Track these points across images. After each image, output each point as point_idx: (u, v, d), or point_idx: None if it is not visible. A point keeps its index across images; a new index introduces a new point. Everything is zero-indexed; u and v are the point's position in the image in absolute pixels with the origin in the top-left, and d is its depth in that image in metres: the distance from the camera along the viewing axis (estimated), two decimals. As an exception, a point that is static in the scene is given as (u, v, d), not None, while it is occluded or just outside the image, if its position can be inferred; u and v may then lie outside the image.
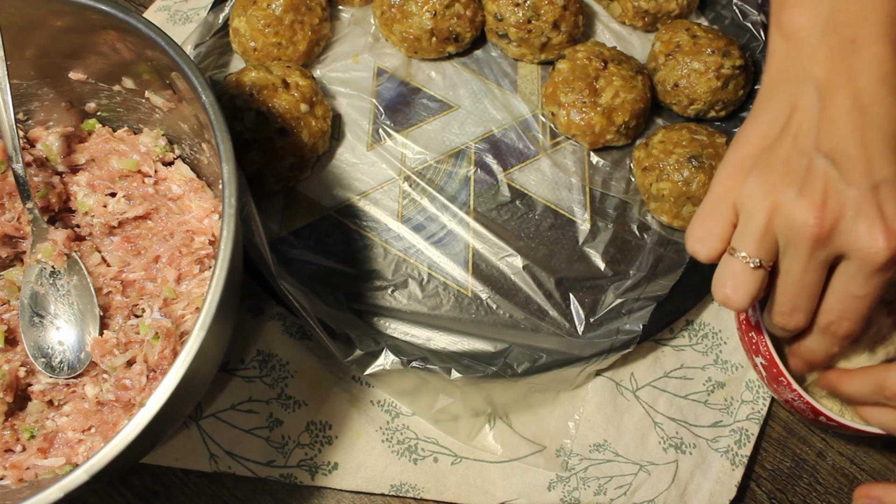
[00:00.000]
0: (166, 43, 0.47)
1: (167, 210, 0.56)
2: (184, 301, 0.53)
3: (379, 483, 0.60)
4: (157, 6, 0.74)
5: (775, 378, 0.57)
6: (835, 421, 0.55)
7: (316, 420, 0.60)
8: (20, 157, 0.50)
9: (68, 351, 0.52)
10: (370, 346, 0.59)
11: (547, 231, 0.67)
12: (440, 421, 0.60)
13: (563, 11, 0.68)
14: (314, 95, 0.64)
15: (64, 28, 0.50)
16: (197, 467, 0.58)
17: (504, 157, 0.69)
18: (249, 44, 0.67)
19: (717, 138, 0.65)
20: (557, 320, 0.64)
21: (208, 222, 0.54)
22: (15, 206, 0.54)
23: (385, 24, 0.69)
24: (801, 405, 0.56)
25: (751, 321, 0.58)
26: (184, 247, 0.54)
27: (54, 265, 0.53)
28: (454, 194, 0.67)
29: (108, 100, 0.57)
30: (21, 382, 0.52)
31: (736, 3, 0.73)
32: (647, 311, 0.63)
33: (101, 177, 0.56)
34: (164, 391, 0.39)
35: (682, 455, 0.62)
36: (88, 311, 0.53)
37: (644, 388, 0.64)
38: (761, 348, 0.57)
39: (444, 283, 0.64)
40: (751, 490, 0.63)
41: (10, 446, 0.50)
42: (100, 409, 0.51)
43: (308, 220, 0.65)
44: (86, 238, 0.56)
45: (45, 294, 0.53)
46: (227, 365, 0.61)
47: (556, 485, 0.60)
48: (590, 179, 0.69)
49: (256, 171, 0.62)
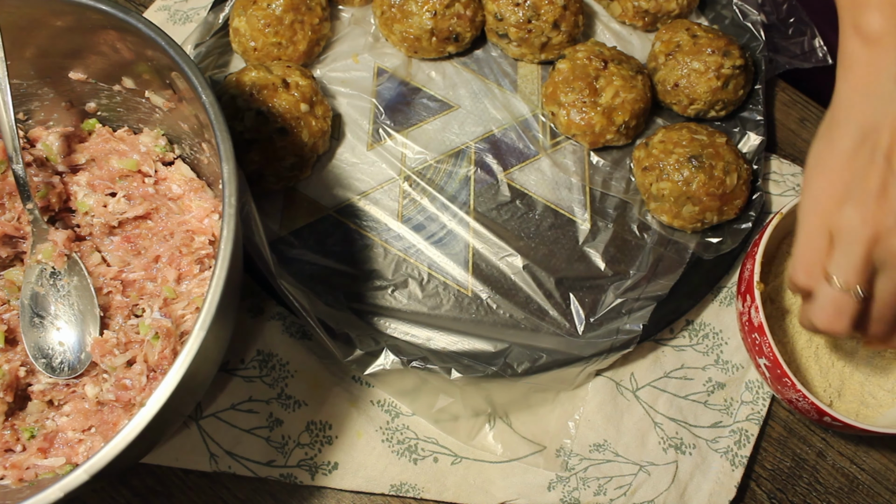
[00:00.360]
0: (166, 43, 0.47)
1: (167, 210, 0.56)
2: (184, 301, 0.53)
3: (379, 483, 0.60)
4: (157, 6, 0.74)
5: (779, 379, 0.57)
6: (839, 421, 0.55)
7: (316, 420, 0.60)
8: (20, 158, 0.50)
9: (69, 351, 0.52)
10: (370, 346, 0.59)
11: (547, 231, 0.67)
12: (440, 421, 0.60)
13: (563, 11, 0.68)
14: (314, 95, 0.64)
15: (64, 28, 0.50)
16: (197, 467, 0.58)
17: (504, 156, 0.69)
18: (249, 44, 0.66)
19: (718, 138, 0.65)
20: (557, 320, 0.64)
21: (208, 222, 0.54)
22: (15, 206, 0.54)
23: (385, 24, 0.69)
24: (805, 405, 0.56)
25: (753, 322, 0.58)
26: (184, 247, 0.54)
27: (55, 266, 0.53)
28: (454, 194, 0.67)
29: (108, 100, 0.57)
30: (21, 382, 0.52)
31: (736, 3, 0.73)
32: (647, 311, 0.63)
33: (101, 177, 0.56)
34: (164, 391, 0.39)
35: (681, 455, 0.62)
36: (89, 312, 0.53)
37: (644, 388, 0.64)
38: (765, 349, 0.57)
39: (444, 282, 0.64)
40: (751, 490, 0.63)
41: (10, 446, 0.50)
42: (100, 408, 0.51)
43: (308, 219, 0.65)
44: (86, 238, 0.56)
45: (45, 295, 0.53)
46: (227, 365, 0.61)
47: (555, 485, 0.60)
48: (590, 179, 0.69)
49: (256, 171, 0.62)
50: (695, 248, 0.67)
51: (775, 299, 0.63)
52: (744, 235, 0.66)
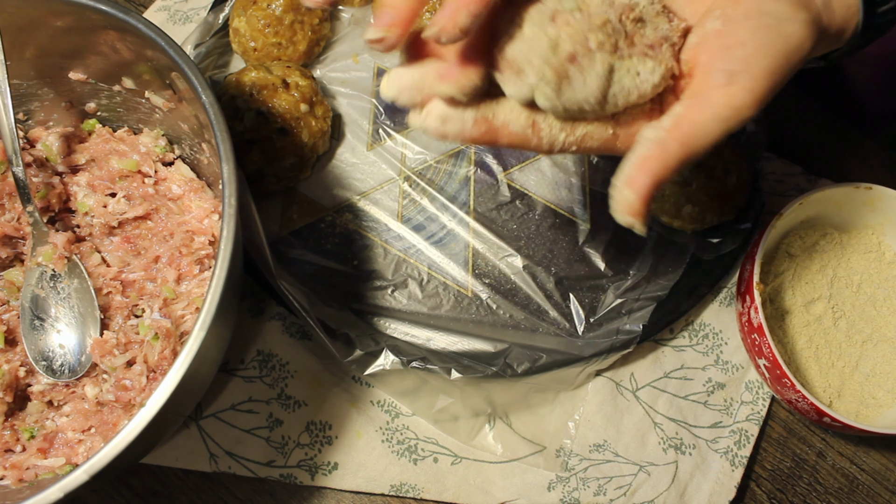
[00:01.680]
0: (166, 43, 0.47)
1: (167, 210, 0.56)
2: (183, 301, 0.53)
3: (379, 483, 0.60)
4: (157, 6, 0.74)
5: (778, 379, 0.57)
6: (839, 421, 0.55)
7: (316, 420, 0.60)
8: (20, 161, 0.50)
9: (69, 354, 0.52)
10: (370, 346, 0.59)
11: (547, 231, 0.67)
12: (440, 421, 0.60)
13: (563, 11, 0.67)
14: (314, 95, 0.64)
15: (64, 28, 0.50)
16: (197, 467, 0.58)
17: (504, 156, 0.69)
18: (249, 44, 0.66)
19: (717, 138, 0.65)
20: (557, 320, 0.64)
21: (208, 222, 0.54)
22: (15, 206, 0.54)
23: (385, 24, 0.69)
24: (804, 406, 0.56)
25: (753, 323, 0.58)
26: (184, 247, 0.54)
27: (55, 268, 0.53)
28: (454, 194, 0.67)
29: (108, 100, 0.57)
30: (21, 383, 0.52)
31: (736, 3, 0.73)
32: (647, 311, 0.63)
33: (101, 177, 0.56)
34: (164, 392, 0.39)
35: (681, 456, 0.62)
36: (89, 314, 0.53)
37: (644, 388, 0.64)
38: (764, 350, 0.57)
39: (444, 283, 0.64)
40: (751, 490, 0.63)
41: (9, 446, 0.50)
42: (100, 409, 0.51)
43: (308, 220, 0.65)
44: (86, 238, 0.56)
45: (45, 297, 0.53)
46: (227, 365, 0.61)
47: (555, 485, 0.60)
48: (590, 179, 0.69)
49: (256, 171, 0.62)
50: (695, 248, 0.67)
51: (775, 300, 0.63)
52: (744, 235, 0.66)
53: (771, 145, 0.73)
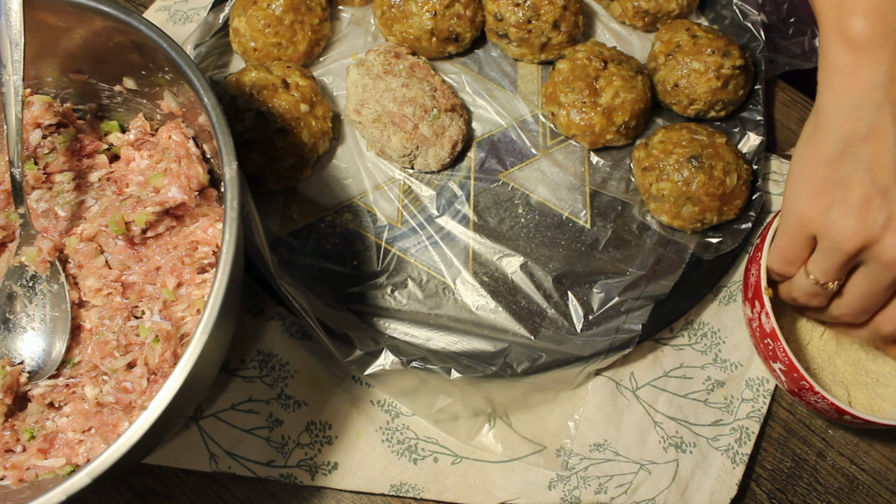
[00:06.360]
0: (166, 43, 0.46)
1: (179, 226, 0.56)
2: (183, 303, 0.53)
3: (379, 483, 0.60)
4: (157, 6, 0.74)
5: (796, 382, 0.56)
6: (860, 418, 0.55)
7: (316, 420, 0.61)
8: (20, 163, 0.50)
9: (33, 358, 0.52)
10: (370, 346, 0.59)
11: (546, 231, 0.67)
12: (440, 421, 0.60)
13: (563, 11, 0.67)
14: (314, 95, 0.64)
15: (64, 29, 0.50)
16: (197, 467, 0.58)
17: (504, 156, 0.69)
18: (249, 44, 0.66)
19: (717, 138, 0.65)
20: (557, 320, 0.64)
21: (212, 231, 0.54)
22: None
23: (385, 24, 0.69)
24: (824, 406, 0.56)
25: (765, 328, 0.57)
26: (187, 257, 0.54)
27: (36, 270, 0.53)
28: (454, 194, 0.67)
29: (109, 100, 0.57)
30: (20, 385, 0.52)
31: (736, 3, 0.73)
32: (646, 310, 0.63)
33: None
34: (166, 395, 0.39)
35: (682, 454, 0.62)
36: (60, 320, 0.53)
37: (644, 387, 0.64)
38: (779, 354, 0.57)
39: (443, 282, 0.64)
40: (751, 490, 0.64)
41: (10, 447, 0.50)
42: (100, 410, 0.51)
43: (308, 220, 0.65)
44: (93, 239, 0.56)
45: (20, 296, 0.53)
46: (227, 365, 0.61)
47: (556, 484, 0.61)
48: (590, 179, 0.69)
49: (256, 171, 0.62)
50: (695, 248, 0.67)
51: (783, 303, 0.63)
52: (744, 235, 0.66)
53: (771, 145, 0.73)
